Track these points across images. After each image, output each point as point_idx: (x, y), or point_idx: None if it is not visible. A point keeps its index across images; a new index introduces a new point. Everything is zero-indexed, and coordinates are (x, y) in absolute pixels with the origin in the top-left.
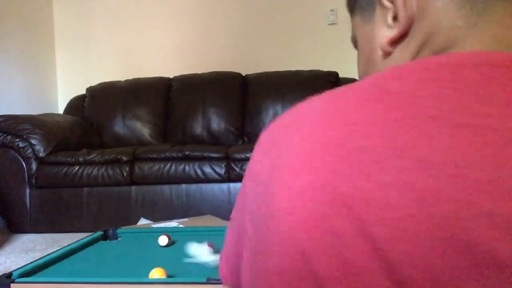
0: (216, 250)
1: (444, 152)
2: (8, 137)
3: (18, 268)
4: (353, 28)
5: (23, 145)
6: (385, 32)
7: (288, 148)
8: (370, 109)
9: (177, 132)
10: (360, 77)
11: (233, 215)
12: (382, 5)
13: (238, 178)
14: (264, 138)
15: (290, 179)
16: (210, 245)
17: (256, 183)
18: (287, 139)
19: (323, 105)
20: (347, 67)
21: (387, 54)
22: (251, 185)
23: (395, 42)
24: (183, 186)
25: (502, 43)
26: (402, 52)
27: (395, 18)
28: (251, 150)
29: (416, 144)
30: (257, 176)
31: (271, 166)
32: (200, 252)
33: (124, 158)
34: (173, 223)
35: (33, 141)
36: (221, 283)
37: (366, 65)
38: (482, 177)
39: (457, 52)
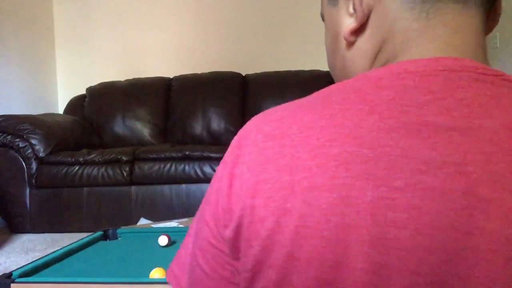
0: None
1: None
2: (8, 137)
3: (18, 268)
4: (322, 6)
5: (23, 145)
6: (347, 21)
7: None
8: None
9: (177, 132)
10: (328, 52)
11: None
12: None
13: None
14: None
15: None
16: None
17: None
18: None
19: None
20: None
21: (350, 44)
22: None
23: (356, 32)
24: (183, 186)
25: (454, 47)
26: (364, 44)
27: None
28: None
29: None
30: None
31: None
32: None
33: (124, 158)
34: (173, 223)
35: (33, 141)
36: None
37: (332, 44)
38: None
39: (420, 58)
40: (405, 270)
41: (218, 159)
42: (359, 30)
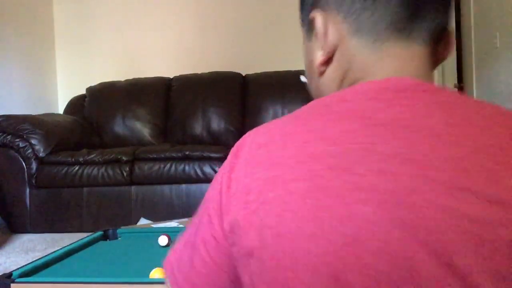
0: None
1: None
2: (8, 137)
3: (18, 268)
4: (303, 37)
5: (23, 145)
6: (317, 54)
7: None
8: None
9: (177, 132)
10: (306, 75)
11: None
12: (315, 34)
13: None
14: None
15: None
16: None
17: None
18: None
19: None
20: None
21: (322, 72)
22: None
23: (325, 63)
24: (183, 186)
25: (401, 72)
26: (332, 72)
27: None
28: None
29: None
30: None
31: None
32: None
33: (124, 158)
34: (173, 223)
35: (33, 141)
36: None
37: (308, 70)
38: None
39: (376, 79)
40: (373, 240)
41: (218, 159)
42: (327, 62)
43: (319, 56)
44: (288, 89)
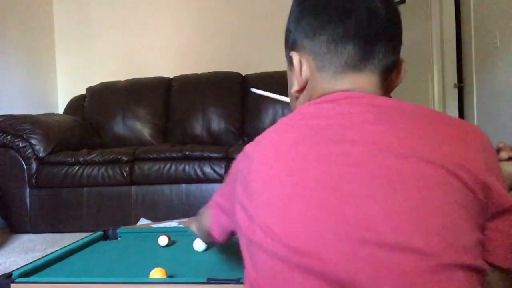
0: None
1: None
2: (8, 137)
3: (18, 268)
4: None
5: (23, 145)
6: (294, 83)
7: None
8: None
9: (177, 132)
10: (289, 93)
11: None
12: (292, 69)
13: None
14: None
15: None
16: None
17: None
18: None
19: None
20: None
21: (296, 98)
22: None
23: (299, 91)
24: (183, 186)
25: (355, 89)
26: (303, 98)
27: None
28: None
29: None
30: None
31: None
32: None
33: (124, 158)
34: (173, 223)
35: (33, 141)
36: (221, 283)
37: (290, 93)
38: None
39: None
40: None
41: (218, 159)
42: (300, 91)
43: (295, 86)
44: (288, 89)
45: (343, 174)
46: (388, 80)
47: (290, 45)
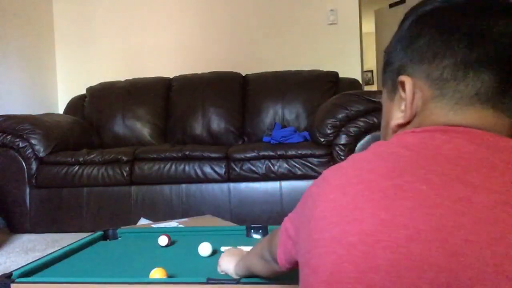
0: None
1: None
2: (8, 137)
3: (18, 268)
4: (382, 95)
5: (23, 145)
6: (398, 115)
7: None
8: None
9: (177, 132)
10: (381, 133)
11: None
12: (400, 95)
13: (238, 178)
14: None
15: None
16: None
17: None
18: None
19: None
20: (347, 67)
21: (395, 132)
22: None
23: (402, 126)
24: (183, 186)
25: (478, 126)
26: (403, 131)
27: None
28: (251, 150)
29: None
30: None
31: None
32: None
33: (124, 158)
34: (173, 223)
35: (33, 141)
36: (221, 283)
37: (385, 127)
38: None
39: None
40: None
41: (218, 159)
42: (405, 124)
43: (398, 118)
44: (288, 89)
45: (457, 226)
46: None
47: (396, 69)
